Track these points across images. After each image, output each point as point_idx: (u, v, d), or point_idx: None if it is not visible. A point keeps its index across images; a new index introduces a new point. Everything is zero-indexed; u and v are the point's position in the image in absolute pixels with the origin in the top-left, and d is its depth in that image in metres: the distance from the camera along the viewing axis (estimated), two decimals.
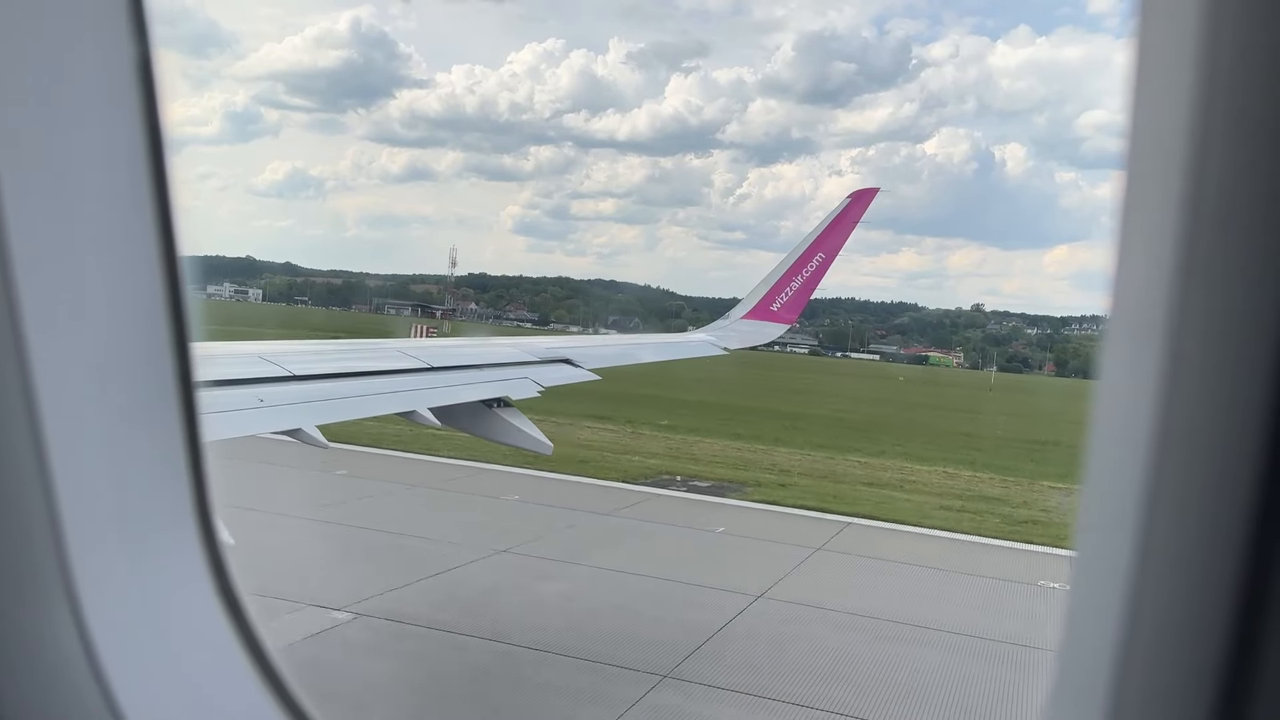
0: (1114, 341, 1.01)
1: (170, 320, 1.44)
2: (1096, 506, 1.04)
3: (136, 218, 1.39)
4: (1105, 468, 1.02)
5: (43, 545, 1.33)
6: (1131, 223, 0.98)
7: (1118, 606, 0.95)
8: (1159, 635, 0.94)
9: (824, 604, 14.36)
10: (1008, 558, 18.47)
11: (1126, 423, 0.96)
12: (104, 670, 1.37)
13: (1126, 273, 0.99)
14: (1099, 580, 1.00)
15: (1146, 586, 0.94)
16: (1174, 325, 0.90)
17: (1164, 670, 0.94)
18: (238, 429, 6.79)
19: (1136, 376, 0.94)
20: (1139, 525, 0.93)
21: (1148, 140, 0.96)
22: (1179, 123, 0.89)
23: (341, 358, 9.45)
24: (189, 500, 1.53)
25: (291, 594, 12.18)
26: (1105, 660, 0.97)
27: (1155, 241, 0.93)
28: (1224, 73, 0.87)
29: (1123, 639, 0.96)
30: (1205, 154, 0.88)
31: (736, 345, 15.13)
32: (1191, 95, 0.88)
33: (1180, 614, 0.92)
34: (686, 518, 19.95)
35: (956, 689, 11.77)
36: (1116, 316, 1.00)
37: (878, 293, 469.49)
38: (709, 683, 10.93)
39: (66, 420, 1.33)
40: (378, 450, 23.22)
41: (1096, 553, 1.04)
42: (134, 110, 1.36)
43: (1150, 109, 0.96)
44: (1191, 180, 0.89)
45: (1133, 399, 0.95)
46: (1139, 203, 0.98)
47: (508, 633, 11.98)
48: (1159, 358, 0.91)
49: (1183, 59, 0.89)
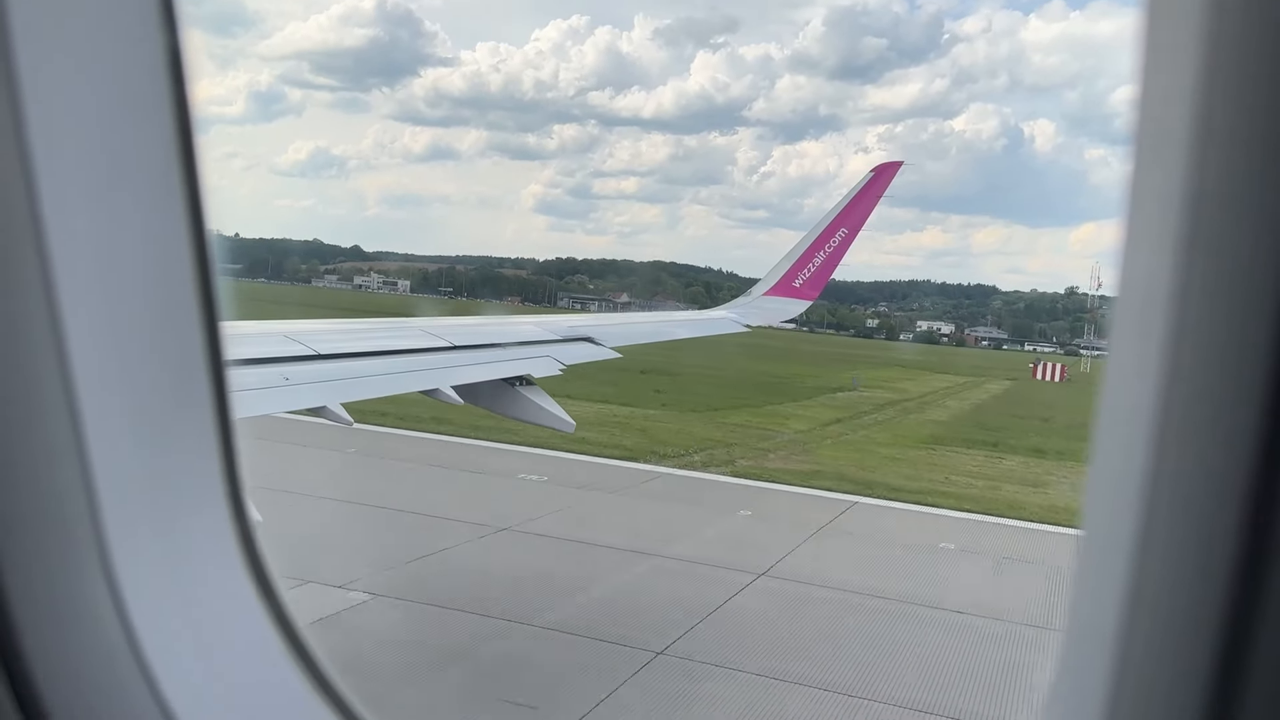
0: (1120, 326, 1.01)
1: (200, 300, 1.47)
2: (1101, 491, 1.05)
3: (167, 202, 1.41)
4: (1111, 453, 1.03)
5: (80, 522, 1.36)
6: (1137, 208, 0.99)
7: (1119, 591, 0.96)
8: (1158, 619, 0.95)
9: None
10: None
11: (1131, 408, 0.97)
12: (140, 643, 1.40)
13: (1132, 257, 1.00)
14: (1102, 566, 1.01)
15: (1147, 571, 0.95)
16: (1177, 310, 0.90)
17: (1164, 655, 0.95)
18: (264, 407, 6.90)
19: (1141, 362, 0.95)
20: (1140, 509, 0.94)
21: (1153, 126, 0.96)
22: (1183, 108, 0.89)
23: (365, 337, 9.53)
24: (220, 478, 1.56)
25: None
26: (1107, 643, 0.98)
27: (1159, 225, 0.93)
28: (1227, 59, 0.86)
29: (1123, 623, 0.97)
30: (1208, 139, 0.88)
31: (759, 322, 15.09)
32: (1195, 81, 0.88)
33: (1180, 598, 0.93)
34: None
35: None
36: (1123, 302, 1.01)
37: (901, 271, 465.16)
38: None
39: (101, 400, 1.36)
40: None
41: (1100, 537, 1.04)
42: (164, 98, 1.38)
43: (1155, 95, 0.96)
44: (1195, 165, 0.89)
45: (1137, 384, 0.95)
46: (1144, 188, 0.98)
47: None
48: (1162, 343, 0.92)
49: (1188, 44, 0.89)
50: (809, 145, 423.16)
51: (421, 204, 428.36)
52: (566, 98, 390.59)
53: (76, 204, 1.31)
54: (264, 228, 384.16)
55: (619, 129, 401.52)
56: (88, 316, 1.33)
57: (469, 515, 16.16)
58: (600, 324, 12.34)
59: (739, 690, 10.29)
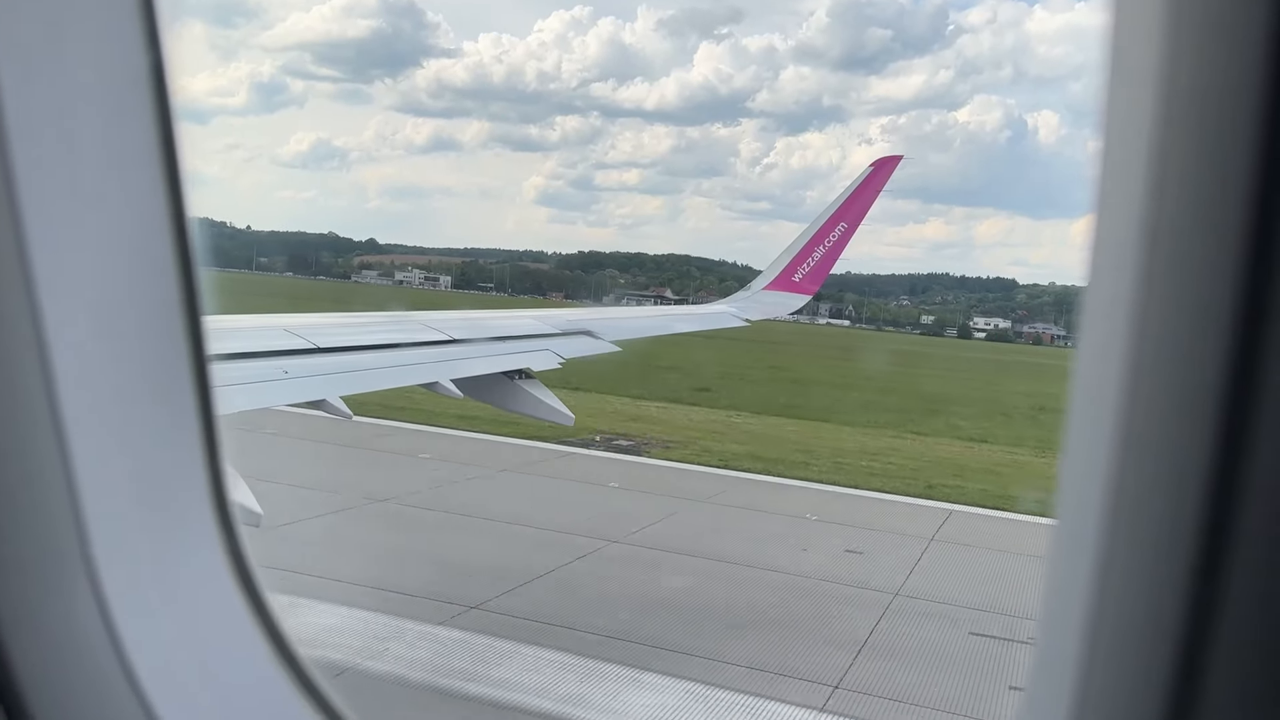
0: (1090, 316, 1.02)
1: (183, 303, 1.45)
2: (1071, 486, 1.06)
3: (149, 195, 1.40)
4: (1080, 448, 1.04)
5: (64, 525, 1.35)
6: (1104, 198, 0.99)
7: (1086, 585, 0.98)
8: (1123, 612, 0.96)
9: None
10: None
11: (1099, 403, 0.98)
12: (124, 648, 1.40)
13: (1100, 248, 1.00)
14: (1072, 562, 1.02)
15: (1114, 566, 0.96)
16: (1142, 300, 0.91)
17: (1129, 646, 0.96)
18: (263, 400, 6.91)
19: (1109, 357, 0.95)
20: (1107, 504, 0.95)
21: (1117, 122, 0.97)
22: (1146, 97, 0.90)
23: (365, 331, 9.54)
24: (204, 481, 1.54)
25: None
26: (1075, 640, 0.99)
27: (1125, 216, 0.93)
28: (1188, 47, 0.87)
29: (1091, 617, 0.98)
30: (1168, 134, 0.89)
31: (758, 316, 15.09)
32: (1158, 71, 0.89)
33: (1144, 594, 0.94)
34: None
35: None
36: (1093, 292, 1.01)
37: (903, 264, 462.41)
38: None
39: (83, 401, 1.35)
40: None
41: (1070, 532, 1.06)
42: (144, 90, 1.37)
43: (1120, 84, 0.97)
44: (1157, 155, 0.89)
45: (1105, 378, 0.96)
46: (1110, 179, 0.99)
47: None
48: (1129, 332, 0.92)
49: (1151, 33, 0.90)
50: (812, 137, 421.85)
51: (423, 196, 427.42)
52: (569, 89, 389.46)
53: (55, 199, 1.30)
54: (272, 219, 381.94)
55: (621, 120, 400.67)
56: (69, 314, 1.32)
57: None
58: (599, 318, 12.35)
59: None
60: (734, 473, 21.57)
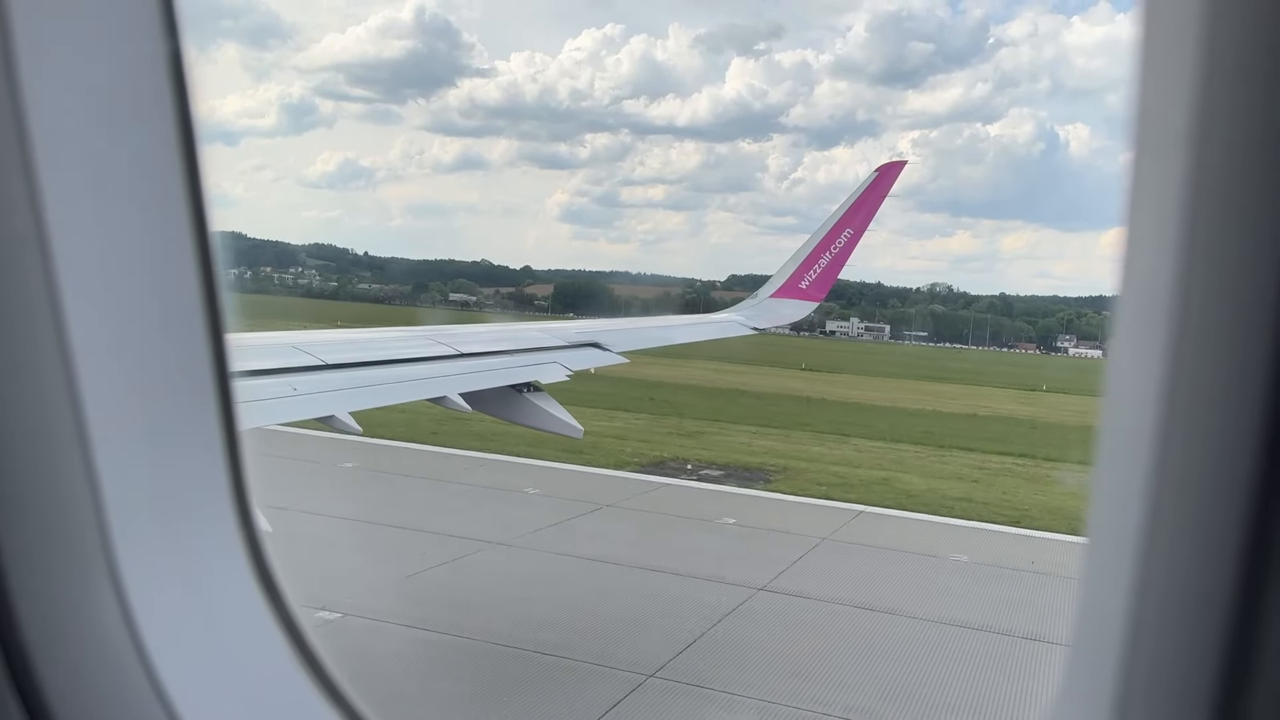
0: (1122, 328, 1.01)
1: (205, 310, 1.47)
2: (1106, 491, 1.05)
3: (172, 212, 1.41)
4: (1115, 453, 1.03)
5: (86, 528, 1.36)
6: (1138, 208, 0.99)
7: (1125, 590, 0.96)
8: (1165, 618, 0.95)
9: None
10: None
11: (1134, 409, 0.97)
12: (145, 648, 1.40)
13: (1133, 258, 1.00)
14: (1108, 566, 1.01)
15: (1153, 570, 0.95)
16: (1178, 311, 0.90)
17: (1172, 653, 0.94)
18: (272, 417, 6.92)
19: (1144, 363, 0.95)
20: (1145, 508, 0.94)
21: (1152, 126, 0.96)
22: (1181, 107, 0.89)
23: (373, 347, 9.56)
24: (227, 486, 1.56)
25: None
26: (1114, 643, 0.98)
27: (1159, 225, 0.93)
28: (1225, 57, 0.86)
29: (1130, 624, 0.96)
30: (1206, 138, 0.88)
31: (765, 325, 15.07)
32: (1193, 80, 0.88)
33: (1187, 597, 0.93)
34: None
35: None
36: (1124, 303, 1.01)
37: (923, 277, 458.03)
38: None
39: (106, 406, 1.36)
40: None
41: (1106, 537, 1.04)
42: (167, 104, 1.38)
43: (1153, 95, 0.96)
44: (1193, 164, 0.89)
45: (1140, 385, 0.95)
46: (1144, 188, 0.98)
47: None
48: (1164, 344, 0.92)
49: (1186, 42, 0.89)
50: (840, 151, 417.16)
51: (445, 213, 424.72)
52: (601, 106, 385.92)
53: (80, 211, 1.31)
54: (307, 236, 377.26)
55: (651, 137, 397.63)
56: (93, 323, 1.33)
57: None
58: (605, 329, 12.34)
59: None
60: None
